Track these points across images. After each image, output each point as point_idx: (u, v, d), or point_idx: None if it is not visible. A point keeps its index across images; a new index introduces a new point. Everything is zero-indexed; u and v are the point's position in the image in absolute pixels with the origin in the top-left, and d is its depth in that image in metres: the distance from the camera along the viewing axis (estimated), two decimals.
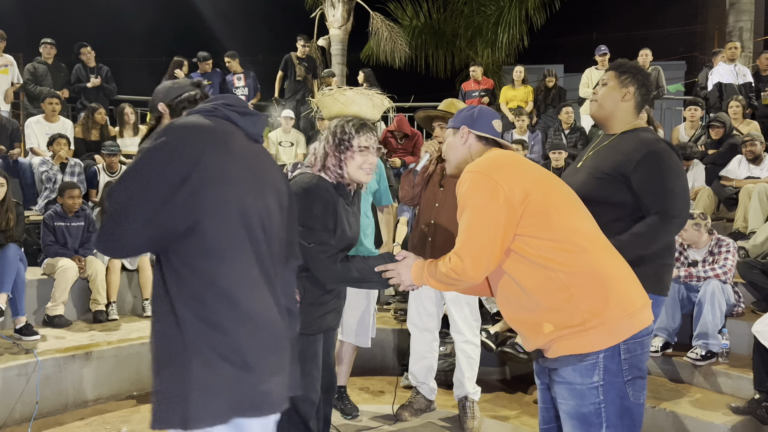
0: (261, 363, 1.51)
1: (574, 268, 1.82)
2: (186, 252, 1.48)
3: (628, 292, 1.85)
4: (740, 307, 4.34)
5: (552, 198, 1.92)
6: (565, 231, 1.86)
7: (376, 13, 11.29)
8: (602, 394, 1.83)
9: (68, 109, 7.73)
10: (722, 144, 6.38)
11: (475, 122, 2.19)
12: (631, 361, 1.84)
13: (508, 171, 1.93)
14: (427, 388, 3.70)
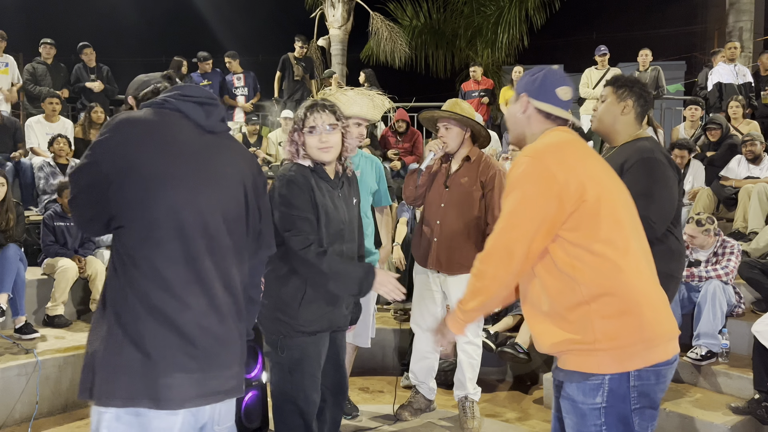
0: (164, 357, 1.54)
1: (601, 287, 1.69)
2: (118, 243, 1.61)
3: (651, 322, 1.70)
4: (740, 308, 4.34)
5: (606, 203, 1.74)
6: (605, 244, 1.71)
7: (376, 13, 11.29)
8: (604, 416, 1.72)
9: (68, 109, 7.72)
10: (721, 145, 6.38)
11: (538, 90, 1.93)
12: (641, 389, 1.72)
13: (569, 162, 1.75)
14: (426, 387, 3.70)
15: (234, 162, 1.74)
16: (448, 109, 3.42)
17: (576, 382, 1.75)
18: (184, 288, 1.58)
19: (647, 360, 1.70)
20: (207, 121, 1.69)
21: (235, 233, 1.71)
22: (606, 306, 1.69)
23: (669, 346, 1.75)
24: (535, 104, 1.92)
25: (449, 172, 3.49)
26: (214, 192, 1.66)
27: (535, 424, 3.85)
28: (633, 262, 1.74)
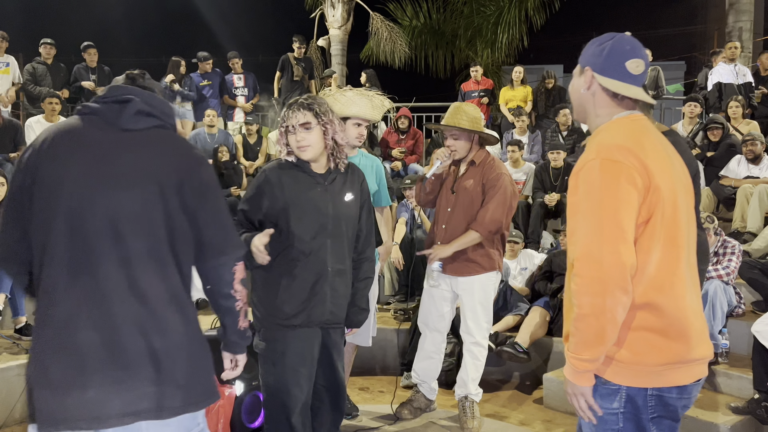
0: (46, 376, 1.46)
1: (640, 300, 1.57)
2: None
3: (681, 346, 1.59)
4: (740, 308, 4.34)
5: (667, 217, 1.58)
6: (655, 262, 1.57)
7: (376, 13, 11.29)
8: (622, 422, 1.63)
9: (68, 109, 7.72)
10: (720, 145, 6.39)
11: (604, 63, 1.66)
12: (660, 400, 1.62)
13: (642, 166, 1.56)
14: (428, 387, 3.70)
15: (147, 160, 1.58)
16: (453, 115, 3.41)
17: (597, 384, 1.65)
18: (70, 297, 1.48)
19: (668, 381, 1.60)
20: (119, 119, 1.59)
21: (149, 237, 1.55)
22: (635, 317, 1.59)
23: (695, 370, 1.64)
24: (600, 81, 1.67)
25: (457, 177, 3.51)
26: (115, 192, 1.53)
27: (535, 425, 3.85)
28: (678, 283, 1.61)
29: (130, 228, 1.53)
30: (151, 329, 1.52)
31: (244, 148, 7.77)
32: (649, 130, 1.68)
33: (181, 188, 1.59)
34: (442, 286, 3.53)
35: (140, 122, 1.62)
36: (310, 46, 11.42)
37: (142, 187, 1.55)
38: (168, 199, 1.58)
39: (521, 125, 7.66)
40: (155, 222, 1.56)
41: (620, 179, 1.54)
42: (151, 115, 1.63)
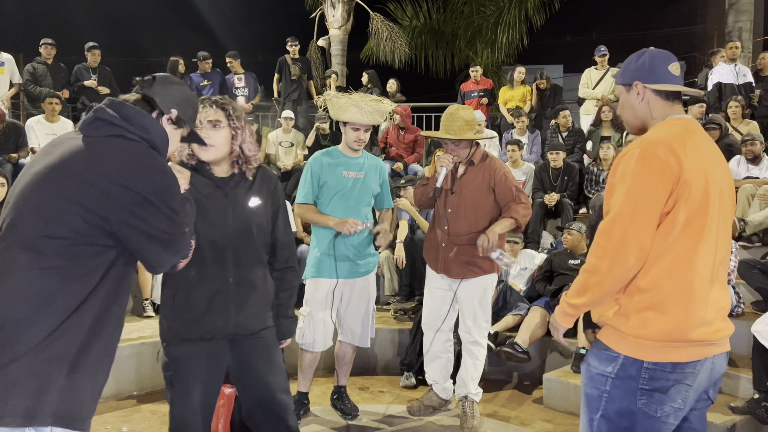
0: None
1: (650, 282, 1.76)
2: None
3: (681, 324, 1.74)
4: (740, 308, 4.34)
5: (694, 207, 1.74)
6: (670, 248, 1.74)
7: (376, 13, 11.30)
8: (609, 385, 1.81)
9: (68, 109, 7.73)
10: (719, 145, 6.39)
11: (649, 73, 1.91)
12: (654, 373, 1.77)
13: (678, 160, 1.73)
14: (440, 387, 3.70)
15: (62, 160, 1.57)
16: (451, 123, 3.39)
17: (596, 349, 1.87)
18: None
19: (665, 357, 1.75)
20: (81, 125, 1.65)
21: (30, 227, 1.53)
22: (646, 300, 1.76)
23: (692, 350, 1.77)
24: (652, 87, 1.90)
25: (455, 177, 3.50)
26: (31, 192, 1.56)
27: (535, 424, 3.85)
28: (693, 273, 1.75)
29: (26, 217, 1.54)
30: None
31: None
32: (695, 132, 1.86)
33: (82, 191, 1.53)
34: (443, 287, 3.53)
35: (99, 130, 1.62)
36: (310, 46, 11.42)
37: (52, 193, 1.54)
38: (69, 200, 1.53)
39: (521, 125, 7.67)
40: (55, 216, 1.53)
41: (652, 170, 1.73)
42: (112, 124, 1.62)
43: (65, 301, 1.51)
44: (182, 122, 1.82)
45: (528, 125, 7.81)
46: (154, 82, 1.76)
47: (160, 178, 1.62)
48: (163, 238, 1.63)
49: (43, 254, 1.50)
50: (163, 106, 1.76)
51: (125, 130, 1.63)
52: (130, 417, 3.91)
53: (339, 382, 3.77)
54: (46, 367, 1.46)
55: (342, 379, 3.76)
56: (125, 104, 1.67)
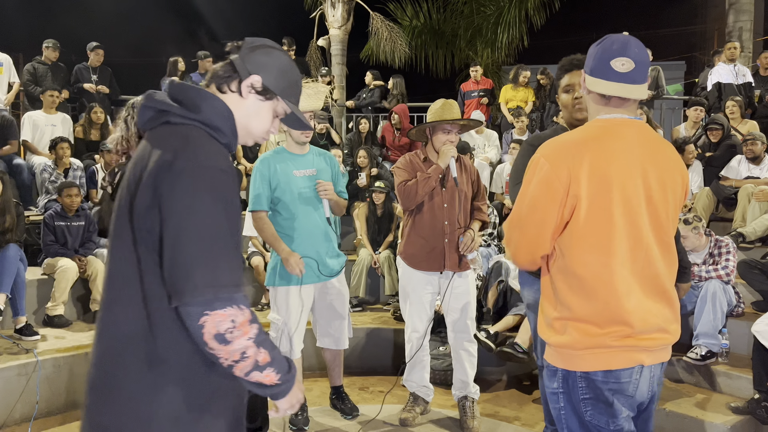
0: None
1: (565, 291, 1.72)
2: None
3: (604, 331, 1.67)
4: (740, 308, 4.34)
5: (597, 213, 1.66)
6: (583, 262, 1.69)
7: (376, 13, 11.28)
8: (563, 401, 1.78)
9: (68, 108, 7.72)
10: (720, 145, 6.39)
11: (593, 65, 1.69)
12: (589, 383, 1.72)
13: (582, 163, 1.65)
14: (424, 391, 3.70)
15: (131, 168, 1.41)
16: (442, 109, 3.46)
17: (545, 367, 1.86)
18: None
19: (594, 365, 1.70)
20: (138, 121, 1.49)
21: (119, 261, 1.36)
22: (564, 310, 1.73)
23: (623, 357, 1.69)
24: (588, 81, 1.72)
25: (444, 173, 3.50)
26: (117, 203, 1.41)
27: (535, 424, 3.85)
28: (614, 281, 1.67)
29: (112, 246, 1.38)
30: (99, 363, 1.36)
31: (243, 149, 7.76)
32: (614, 134, 1.70)
33: (136, 204, 1.31)
34: (430, 290, 3.53)
35: (150, 122, 1.42)
36: (310, 46, 11.40)
37: (119, 198, 1.38)
38: (129, 218, 1.33)
39: (521, 125, 7.66)
40: (125, 242, 1.33)
41: (541, 180, 1.69)
42: (157, 110, 1.41)
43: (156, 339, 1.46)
44: (270, 93, 1.48)
45: (528, 125, 7.81)
46: (243, 45, 1.48)
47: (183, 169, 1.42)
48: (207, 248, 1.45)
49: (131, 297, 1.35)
50: (242, 70, 1.45)
51: (170, 114, 1.39)
52: None
53: (334, 383, 3.77)
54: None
55: (336, 380, 3.76)
56: (175, 83, 1.45)
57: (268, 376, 1.35)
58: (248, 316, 1.31)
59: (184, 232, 1.25)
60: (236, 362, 1.30)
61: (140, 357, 1.31)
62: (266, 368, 1.34)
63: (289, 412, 1.47)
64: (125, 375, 1.31)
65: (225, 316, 1.26)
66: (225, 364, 1.30)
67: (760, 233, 5.13)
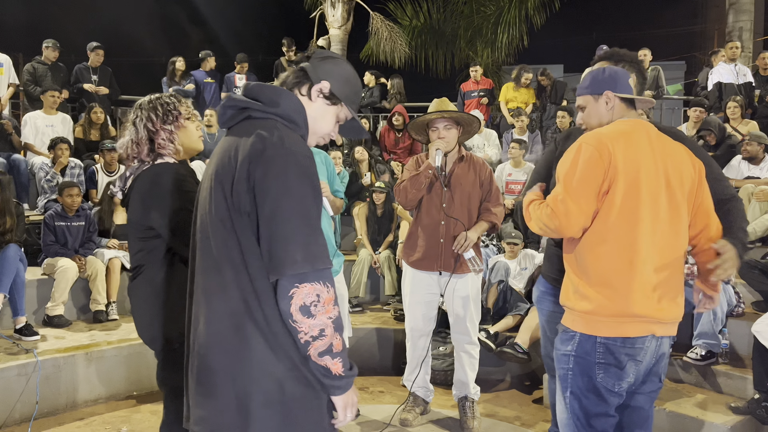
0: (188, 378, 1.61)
1: (593, 263, 2.01)
2: None
3: (627, 302, 1.96)
4: (740, 308, 4.34)
5: (629, 193, 1.99)
6: (612, 234, 1.99)
7: (376, 13, 11.28)
8: (572, 362, 2.05)
9: (68, 108, 7.72)
10: (720, 146, 6.38)
11: (617, 84, 2.22)
12: (607, 347, 1.99)
13: (617, 146, 2.01)
14: (424, 391, 3.70)
15: (218, 156, 1.54)
16: (440, 108, 3.43)
17: (560, 331, 2.12)
18: (191, 298, 1.60)
19: (616, 332, 1.97)
20: (218, 120, 1.62)
21: (217, 243, 1.48)
22: (593, 279, 2.00)
23: (639, 326, 1.98)
24: (620, 96, 2.19)
25: (445, 172, 3.48)
26: (205, 194, 1.59)
27: (535, 424, 3.85)
28: (634, 254, 1.97)
29: (203, 231, 1.50)
30: (208, 344, 1.47)
31: None
32: (637, 130, 2.10)
33: (235, 189, 1.43)
34: (433, 290, 3.51)
35: (231, 119, 1.56)
36: (310, 46, 11.40)
37: (209, 185, 1.49)
38: (226, 201, 1.44)
39: (520, 125, 7.66)
40: (215, 225, 1.46)
41: (585, 156, 2.01)
42: (238, 108, 1.54)
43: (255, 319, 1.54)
44: (336, 99, 1.63)
45: (527, 125, 7.81)
46: (313, 55, 1.68)
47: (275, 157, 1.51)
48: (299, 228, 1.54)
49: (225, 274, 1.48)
50: (313, 75, 1.62)
51: (251, 110, 1.53)
52: (130, 417, 3.91)
53: None
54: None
55: None
56: (251, 84, 1.58)
57: (336, 364, 1.43)
58: (333, 295, 1.42)
59: (279, 211, 1.38)
60: (314, 339, 1.40)
61: (258, 329, 1.42)
62: (337, 356, 1.43)
63: (348, 416, 1.53)
64: (249, 347, 1.42)
65: (312, 289, 1.38)
66: (303, 339, 1.39)
67: (760, 233, 5.13)
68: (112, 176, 6.20)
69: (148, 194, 2.09)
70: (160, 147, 2.16)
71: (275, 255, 1.38)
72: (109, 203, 5.45)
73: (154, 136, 2.16)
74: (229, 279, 1.43)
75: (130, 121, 2.20)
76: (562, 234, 2.06)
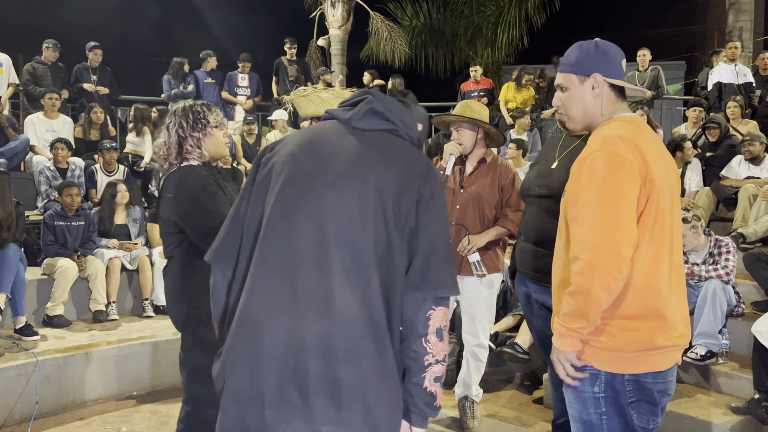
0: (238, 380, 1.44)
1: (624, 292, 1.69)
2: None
3: (654, 330, 1.70)
4: (740, 308, 4.33)
5: (659, 210, 1.70)
6: (640, 253, 1.68)
7: (376, 13, 11.29)
8: (604, 405, 1.76)
9: (68, 108, 7.72)
10: (720, 145, 6.38)
11: (609, 65, 1.80)
12: (636, 384, 1.73)
13: (643, 159, 1.67)
14: None
15: (369, 160, 1.48)
16: (459, 112, 3.43)
17: (578, 369, 1.77)
18: (266, 299, 1.48)
19: (643, 367, 1.71)
20: (351, 117, 1.55)
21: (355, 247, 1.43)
22: (618, 311, 1.70)
23: (668, 356, 1.75)
24: (609, 81, 1.80)
25: (464, 174, 3.49)
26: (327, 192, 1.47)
27: (535, 424, 3.85)
28: (658, 276, 1.70)
29: (338, 233, 1.37)
30: (337, 354, 1.32)
31: (243, 149, 7.77)
32: (646, 130, 1.78)
33: (399, 201, 1.39)
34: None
35: (372, 122, 1.50)
36: (310, 46, 11.40)
37: (358, 189, 1.39)
38: (384, 209, 1.38)
39: (521, 124, 7.66)
40: (365, 231, 1.37)
41: (622, 171, 1.63)
42: (385, 119, 1.51)
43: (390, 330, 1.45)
44: (419, 142, 1.64)
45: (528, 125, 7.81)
46: (409, 95, 1.67)
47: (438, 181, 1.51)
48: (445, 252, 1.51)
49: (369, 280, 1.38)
50: (418, 118, 1.62)
51: (396, 126, 1.52)
52: (130, 417, 3.91)
53: None
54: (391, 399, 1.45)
55: None
56: (395, 101, 1.55)
57: (440, 394, 1.44)
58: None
59: (440, 233, 1.42)
60: (437, 362, 1.40)
61: (393, 343, 1.39)
62: (441, 386, 1.44)
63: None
64: (385, 359, 1.36)
65: (445, 314, 1.41)
66: (427, 362, 1.38)
67: (760, 234, 5.12)
68: (112, 176, 6.20)
69: (173, 194, 2.30)
70: (187, 152, 2.38)
71: (429, 273, 1.39)
72: (109, 203, 5.45)
73: (183, 141, 2.38)
74: (373, 287, 1.36)
75: (165, 125, 2.44)
76: (612, 282, 1.64)
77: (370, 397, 1.33)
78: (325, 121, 1.58)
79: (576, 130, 1.95)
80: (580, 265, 1.65)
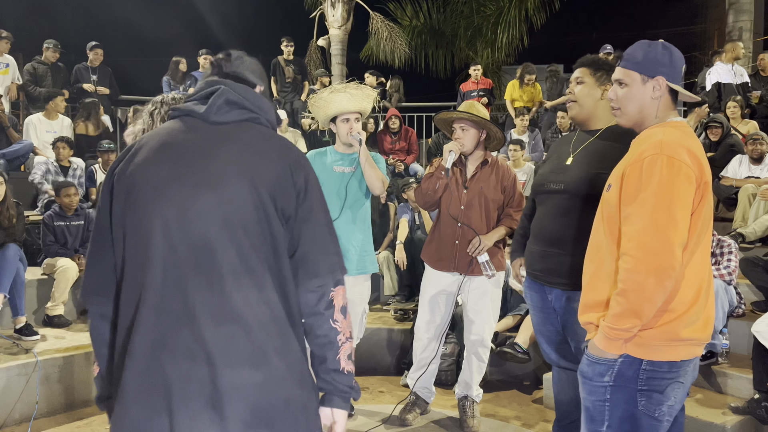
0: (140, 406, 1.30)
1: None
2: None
3: (684, 327, 1.76)
4: (741, 308, 4.34)
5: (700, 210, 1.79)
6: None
7: (376, 13, 11.29)
8: (609, 393, 1.80)
9: (69, 109, 7.73)
10: (720, 145, 6.39)
11: (672, 70, 1.85)
12: (651, 374, 1.77)
13: (696, 164, 1.75)
14: (427, 391, 3.70)
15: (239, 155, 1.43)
16: (468, 110, 3.42)
17: (589, 359, 1.84)
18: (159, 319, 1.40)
19: (664, 356, 1.76)
20: (207, 111, 1.44)
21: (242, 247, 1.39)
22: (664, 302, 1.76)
23: (689, 349, 1.79)
24: (673, 88, 1.85)
25: (465, 174, 3.49)
26: (202, 194, 1.40)
27: (535, 424, 3.85)
28: (693, 272, 1.77)
29: (219, 236, 1.29)
30: (242, 357, 1.27)
31: None
32: (694, 135, 1.86)
33: (277, 193, 1.35)
34: (447, 290, 3.51)
35: (230, 114, 1.41)
36: (310, 46, 11.40)
37: (234, 187, 1.32)
38: (264, 204, 1.33)
39: (522, 123, 7.66)
40: (248, 229, 1.32)
41: (680, 176, 1.70)
42: (243, 107, 1.43)
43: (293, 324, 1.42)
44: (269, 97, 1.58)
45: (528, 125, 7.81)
46: (231, 57, 1.54)
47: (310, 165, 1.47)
48: (331, 235, 1.50)
49: (262, 277, 1.34)
50: (254, 79, 1.54)
51: (255, 113, 1.45)
52: None
53: None
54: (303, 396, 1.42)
55: None
56: (246, 88, 1.47)
57: (353, 370, 1.46)
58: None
59: (316, 217, 1.42)
60: (348, 339, 1.43)
61: (295, 335, 1.38)
62: (352, 360, 1.45)
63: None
64: (291, 352, 1.35)
65: (344, 291, 1.45)
66: (340, 341, 1.41)
67: (760, 233, 5.13)
68: None
69: None
70: None
71: (321, 259, 1.41)
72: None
73: None
74: (267, 285, 1.33)
75: (147, 112, 2.15)
76: (667, 279, 1.70)
77: (282, 393, 1.30)
78: (174, 119, 1.45)
79: (623, 126, 1.98)
80: (632, 262, 1.70)
